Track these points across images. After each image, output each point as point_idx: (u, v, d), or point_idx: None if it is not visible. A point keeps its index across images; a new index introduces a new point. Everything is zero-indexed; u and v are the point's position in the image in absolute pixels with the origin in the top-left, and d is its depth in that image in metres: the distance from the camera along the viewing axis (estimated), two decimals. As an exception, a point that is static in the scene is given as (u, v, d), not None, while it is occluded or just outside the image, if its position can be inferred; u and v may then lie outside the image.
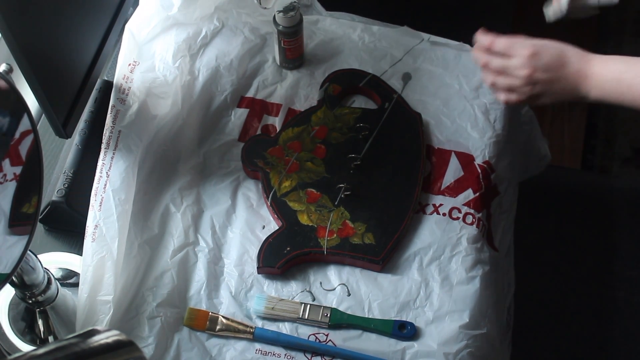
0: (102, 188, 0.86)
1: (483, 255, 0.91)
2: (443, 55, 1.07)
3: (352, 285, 0.88)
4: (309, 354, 0.84)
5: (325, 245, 0.89)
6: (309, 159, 0.95)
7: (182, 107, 0.96)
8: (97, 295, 0.81)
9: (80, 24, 0.84)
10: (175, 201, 0.92)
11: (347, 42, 1.07)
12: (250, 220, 0.92)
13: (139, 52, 0.96)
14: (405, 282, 0.88)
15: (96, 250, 0.82)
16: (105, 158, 0.88)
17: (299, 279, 0.88)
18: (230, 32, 1.04)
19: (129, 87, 0.92)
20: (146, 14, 0.98)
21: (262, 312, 0.85)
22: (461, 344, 0.84)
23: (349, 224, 0.91)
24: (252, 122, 1.00)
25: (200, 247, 0.89)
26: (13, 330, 0.85)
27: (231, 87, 1.01)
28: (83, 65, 0.86)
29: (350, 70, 1.04)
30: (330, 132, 0.97)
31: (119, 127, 0.89)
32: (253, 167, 0.94)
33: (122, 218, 0.85)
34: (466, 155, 0.97)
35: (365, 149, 0.96)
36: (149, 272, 0.87)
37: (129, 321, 0.83)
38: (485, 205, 0.95)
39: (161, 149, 0.94)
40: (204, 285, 0.87)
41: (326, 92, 1.01)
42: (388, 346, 0.84)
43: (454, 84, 1.04)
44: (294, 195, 0.92)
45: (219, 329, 0.84)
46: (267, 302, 0.85)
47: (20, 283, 0.76)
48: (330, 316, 0.84)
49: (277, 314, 0.85)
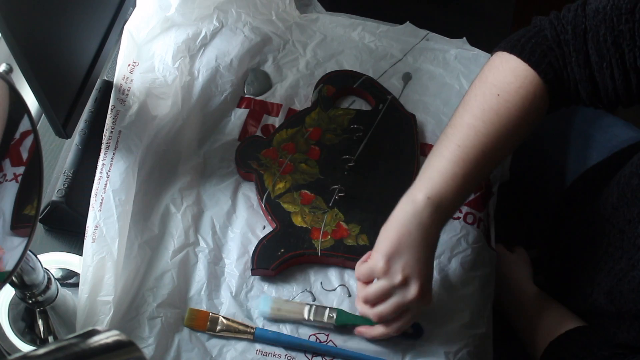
0: (102, 188, 0.86)
1: (483, 255, 0.91)
2: (443, 55, 1.07)
3: (353, 286, 0.88)
4: (309, 354, 0.84)
5: (319, 247, 0.89)
6: (303, 161, 0.95)
7: (182, 108, 0.96)
8: (97, 295, 0.81)
9: (80, 24, 0.84)
10: (175, 201, 0.92)
11: (347, 42, 1.08)
12: (250, 220, 0.92)
13: (139, 53, 0.96)
14: (406, 282, 0.88)
15: (96, 251, 0.82)
16: (106, 158, 0.88)
17: (300, 279, 0.88)
18: (229, 32, 1.04)
19: (128, 88, 0.92)
20: (144, 14, 0.98)
21: (268, 313, 0.85)
22: (461, 343, 0.84)
23: (343, 226, 0.91)
24: (252, 122, 1.00)
25: (201, 248, 0.89)
26: (13, 330, 0.85)
27: (231, 87, 1.01)
28: (83, 65, 0.86)
29: (344, 72, 1.04)
30: (324, 134, 0.97)
31: (119, 127, 0.89)
32: (247, 168, 0.94)
33: (122, 218, 0.84)
34: (466, 155, 0.97)
35: (359, 151, 0.96)
36: (149, 272, 0.87)
37: (129, 322, 0.83)
38: (485, 205, 0.95)
39: (161, 150, 0.94)
40: (205, 285, 0.87)
41: (320, 93, 1.01)
42: (388, 346, 0.84)
43: (454, 84, 1.04)
44: (288, 197, 0.92)
45: (220, 330, 0.84)
46: (273, 303, 0.85)
47: (20, 283, 0.76)
48: (336, 317, 0.84)
49: (283, 315, 0.85)
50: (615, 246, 0.83)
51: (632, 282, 0.78)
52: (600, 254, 0.86)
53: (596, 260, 0.87)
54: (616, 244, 0.83)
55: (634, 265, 0.78)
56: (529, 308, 0.93)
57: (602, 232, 0.86)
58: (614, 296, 0.81)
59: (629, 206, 0.81)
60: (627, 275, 0.79)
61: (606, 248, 0.85)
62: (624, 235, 0.81)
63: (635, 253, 0.79)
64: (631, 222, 0.80)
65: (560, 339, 0.86)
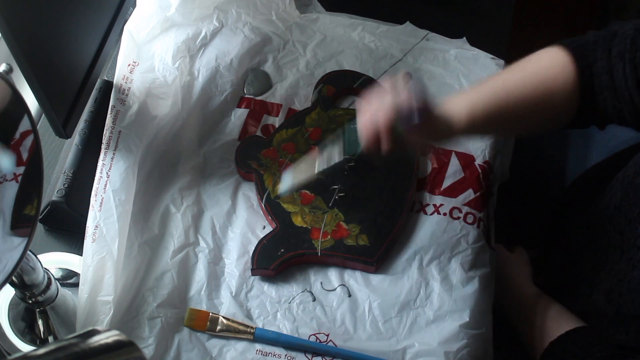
0: (102, 188, 0.86)
1: (483, 255, 0.91)
2: (443, 55, 1.07)
3: (353, 286, 0.88)
4: (309, 354, 0.84)
5: (319, 247, 0.89)
6: None
7: (182, 108, 0.96)
8: (97, 295, 0.81)
9: (80, 24, 0.84)
10: (175, 201, 0.92)
11: (347, 42, 1.08)
12: (250, 220, 0.92)
13: (139, 53, 0.96)
14: (406, 282, 0.88)
15: (96, 251, 0.82)
16: (106, 158, 0.88)
17: (300, 279, 0.88)
18: (229, 32, 1.04)
19: (128, 88, 0.92)
20: (144, 14, 0.98)
21: (288, 190, 0.88)
22: (461, 343, 0.84)
23: (343, 226, 0.91)
24: (252, 122, 1.00)
25: (201, 248, 0.89)
26: (13, 330, 0.85)
27: (231, 87, 1.01)
28: (83, 65, 0.86)
29: (344, 72, 1.04)
30: (324, 134, 0.97)
31: (119, 127, 0.89)
32: (247, 168, 0.94)
33: (122, 218, 0.85)
34: (467, 155, 0.97)
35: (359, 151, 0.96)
36: (149, 272, 0.87)
37: (129, 321, 0.83)
38: (485, 205, 0.95)
39: (161, 150, 0.94)
40: (205, 285, 0.87)
41: (320, 93, 1.01)
42: (388, 346, 0.84)
43: (454, 84, 1.04)
44: (288, 197, 0.92)
45: (220, 330, 0.84)
46: (293, 179, 0.86)
47: (20, 283, 0.76)
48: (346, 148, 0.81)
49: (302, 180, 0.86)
50: (615, 246, 0.83)
51: (632, 283, 0.78)
52: (600, 255, 0.86)
53: (596, 261, 0.87)
54: (616, 245, 0.83)
55: (634, 266, 0.78)
56: (528, 308, 0.93)
57: (603, 232, 0.86)
58: (614, 296, 0.81)
59: (631, 206, 0.81)
60: (627, 276, 0.79)
61: (606, 248, 0.85)
62: (624, 236, 0.81)
63: (635, 253, 0.79)
64: (631, 223, 0.80)
65: (559, 340, 0.86)
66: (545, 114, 0.80)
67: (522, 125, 0.81)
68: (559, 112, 0.80)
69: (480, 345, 0.86)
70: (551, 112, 0.80)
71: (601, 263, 0.85)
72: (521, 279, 0.98)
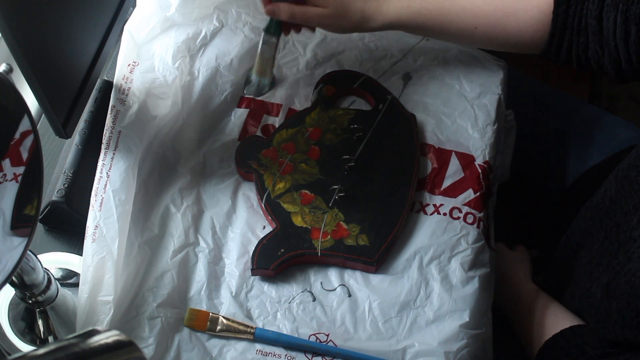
0: (102, 188, 0.86)
1: (483, 255, 0.91)
2: (443, 55, 1.07)
3: (353, 286, 0.88)
4: (309, 354, 0.84)
5: (319, 247, 0.89)
6: (303, 161, 0.95)
7: (182, 108, 0.96)
8: (97, 295, 0.81)
9: (80, 24, 0.84)
10: (175, 201, 0.92)
11: (347, 42, 1.07)
12: (250, 220, 0.92)
13: (139, 53, 0.96)
14: (406, 282, 0.88)
15: (96, 251, 0.82)
16: (106, 158, 0.88)
17: (300, 279, 0.88)
18: (230, 32, 1.04)
19: (128, 88, 0.92)
20: (144, 14, 0.98)
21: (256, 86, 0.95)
22: (461, 343, 0.84)
23: (343, 226, 0.91)
24: (252, 122, 1.00)
25: (201, 248, 0.89)
26: (13, 330, 0.85)
27: (231, 87, 1.01)
28: (83, 65, 0.86)
29: (344, 72, 1.04)
30: (324, 134, 0.97)
31: (119, 127, 0.89)
32: (247, 168, 0.94)
33: (122, 218, 0.85)
34: (467, 155, 0.97)
35: (359, 151, 0.96)
36: (149, 272, 0.87)
37: (129, 322, 0.83)
38: (485, 205, 0.95)
39: (161, 150, 0.94)
40: (205, 285, 0.87)
41: (320, 93, 1.01)
42: (388, 346, 0.84)
43: (454, 84, 1.04)
44: (288, 197, 0.92)
45: (220, 330, 0.84)
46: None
47: (20, 283, 0.76)
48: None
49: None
50: (612, 239, 0.83)
51: (628, 275, 0.78)
52: (598, 248, 0.86)
53: (594, 255, 0.87)
54: (612, 237, 0.83)
55: (630, 258, 0.78)
56: (526, 306, 0.93)
57: (600, 226, 0.86)
58: (611, 290, 0.81)
59: (626, 198, 0.81)
60: (624, 268, 0.79)
61: (603, 241, 0.85)
62: (620, 229, 0.81)
63: (631, 246, 0.79)
64: (627, 215, 0.80)
65: (554, 338, 0.86)
66: (502, 34, 0.84)
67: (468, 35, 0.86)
68: (522, 36, 0.83)
69: (480, 345, 0.86)
70: (512, 34, 0.83)
71: (599, 257, 0.85)
72: (521, 276, 0.98)
